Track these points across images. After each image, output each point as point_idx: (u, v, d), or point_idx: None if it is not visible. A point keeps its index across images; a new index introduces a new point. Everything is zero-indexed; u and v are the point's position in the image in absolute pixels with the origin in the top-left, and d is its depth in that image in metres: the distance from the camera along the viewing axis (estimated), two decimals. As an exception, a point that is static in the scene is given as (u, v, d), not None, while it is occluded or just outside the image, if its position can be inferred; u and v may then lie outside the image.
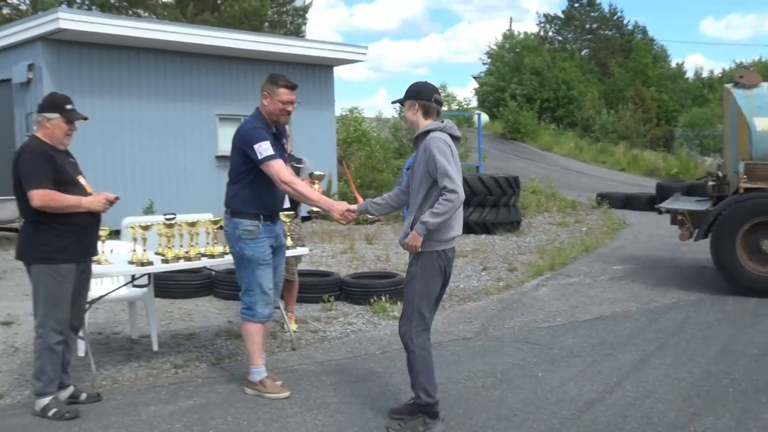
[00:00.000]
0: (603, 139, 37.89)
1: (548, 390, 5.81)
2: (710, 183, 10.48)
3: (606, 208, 19.09)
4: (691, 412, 5.31)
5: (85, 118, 5.47)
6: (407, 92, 5.18)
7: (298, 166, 7.42)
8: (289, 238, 6.72)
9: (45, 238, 5.17)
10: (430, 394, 4.92)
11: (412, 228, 4.90)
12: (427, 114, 5.12)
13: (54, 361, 5.25)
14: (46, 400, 5.20)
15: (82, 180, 5.42)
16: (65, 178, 5.24)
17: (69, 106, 5.37)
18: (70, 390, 5.49)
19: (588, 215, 18.48)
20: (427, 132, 5.04)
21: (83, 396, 5.52)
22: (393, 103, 5.75)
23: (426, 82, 5.33)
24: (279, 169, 5.54)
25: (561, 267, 11.52)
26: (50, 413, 5.15)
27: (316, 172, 6.57)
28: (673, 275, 10.77)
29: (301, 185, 5.73)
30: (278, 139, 5.89)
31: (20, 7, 24.03)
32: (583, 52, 53.73)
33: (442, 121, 5.14)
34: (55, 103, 5.36)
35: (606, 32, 55.81)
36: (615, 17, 56.19)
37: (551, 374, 6.23)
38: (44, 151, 5.21)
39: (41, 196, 5.06)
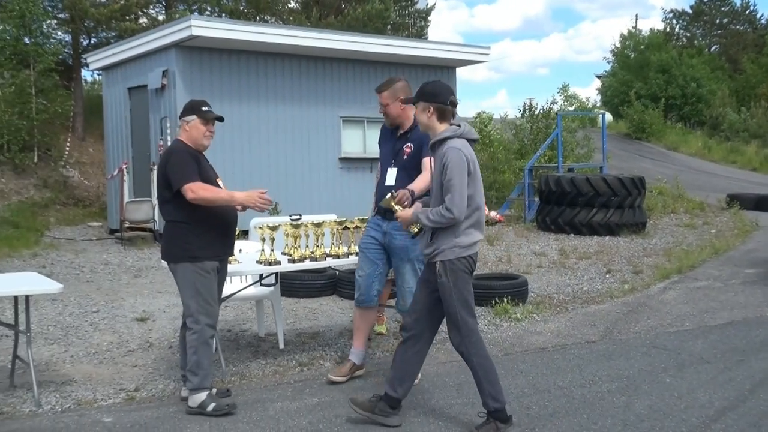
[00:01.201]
0: (733, 138, 36.44)
1: (676, 397, 5.63)
2: None
3: (736, 209, 18.37)
4: (831, 424, 5.06)
5: (221, 118, 5.68)
6: (421, 93, 5.03)
7: None
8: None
9: (188, 237, 5.35)
10: (497, 399, 4.86)
11: (431, 239, 4.92)
12: (442, 118, 4.95)
13: (209, 355, 5.43)
14: (203, 396, 5.32)
15: (220, 183, 5.61)
16: (207, 179, 5.43)
17: (205, 108, 5.56)
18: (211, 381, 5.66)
19: (717, 217, 17.83)
20: (444, 139, 4.91)
21: (213, 391, 5.64)
22: (404, 102, 5.69)
23: (440, 81, 5.20)
24: None
25: (689, 270, 11.15)
26: (209, 408, 5.26)
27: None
28: (811, 280, 10.27)
29: None
30: (400, 138, 6.00)
31: (157, 18, 24.99)
32: (712, 49, 51.91)
33: (459, 125, 4.97)
34: (191, 107, 5.58)
35: (737, 27, 53.72)
36: (747, 11, 54.02)
37: (679, 380, 6.03)
38: (189, 152, 5.45)
39: (195, 189, 5.26)
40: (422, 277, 5.19)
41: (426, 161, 5.68)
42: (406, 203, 5.24)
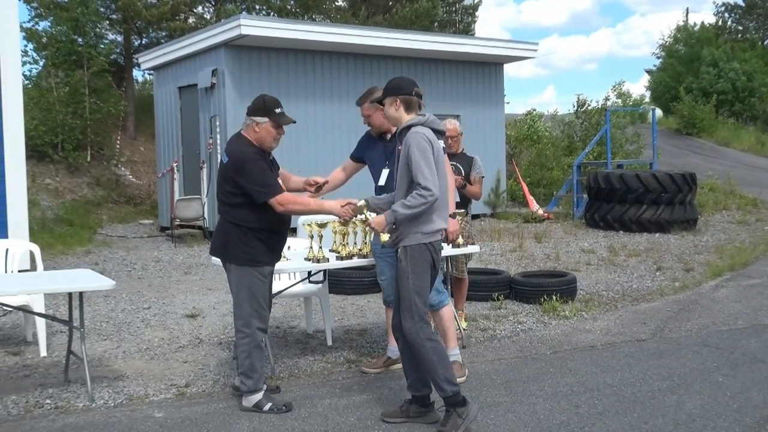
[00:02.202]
0: (788, 133, 35.70)
1: (729, 396, 5.53)
2: None
3: (791, 205, 18.04)
4: None
5: (294, 122, 5.50)
6: (386, 89, 5.18)
7: (452, 163, 7.32)
8: (460, 236, 6.74)
9: (252, 242, 5.29)
10: (452, 382, 4.82)
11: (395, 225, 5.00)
12: (409, 108, 5.07)
13: (262, 357, 5.45)
14: (258, 396, 5.34)
15: (279, 181, 5.50)
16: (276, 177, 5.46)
17: (278, 110, 5.35)
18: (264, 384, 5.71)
19: (771, 213, 17.52)
20: (409, 126, 5.01)
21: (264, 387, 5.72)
22: (372, 103, 5.83)
23: (402, 76, 5.35)
24: None
25: (742, 267, 10.95)
26: (266, 408, 5.28)
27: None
28: None
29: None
30: (391, 140, 6.07)
31: (205, 16, 25.22)
32: (765, 42, 50.83)
33: (424, 115, 5.08)
34: (265, 107, 5.34)
35: (792, 19, 52.57)
36: (802, 3, 52.83)
37: (732, 379, 5.93)
38: (262, 157, 5.32)
39: (285, 202, 5.22)
40: (396, 272, 5.13)
41: None
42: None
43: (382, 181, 6.02)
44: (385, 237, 5.32)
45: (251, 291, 5.33)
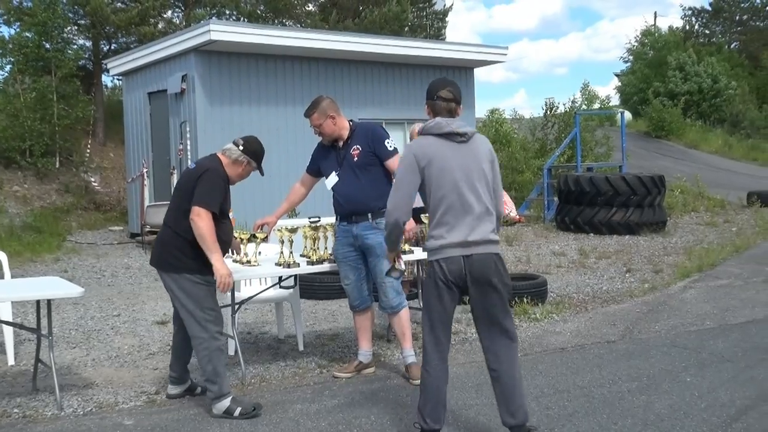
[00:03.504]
0: (754, 135, 36.16)
1: (697, 396, 5.59)
2: None
3: (758, 207, 18.25)
4: None
5: (262, 174, 5.82)
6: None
7: None
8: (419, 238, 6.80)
9: (197, 251, 5.25)
10: (423, 418, 4.55)
11: None
12: (434, 113, 4.73)
13: (224, 361, 5.40)
14: (227, 402, 5.30)
15: (231, 214, 5.65)
16: (224, 211, 5.44)
17: (261, 161, 5.67)
18: (187, 384, 5.71)
19: (738, 215, 17.72)
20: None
21: (198, 389, 5.72)
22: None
23: (437, 78, 4.98)
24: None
25: (710, 268, 11.07)
26: (236, 413, 5.25)
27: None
28: (833, 277, 10.18)
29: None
30: (344, 146, 6.18)
31: (174, 21, 25.11)
32: (731, 46, 51.46)
33: (433, 120, 4.71)
34: (258, 155, 5.64)
35: (758, 24, 53.18)
36: (767, 8, 53.55)
37: (700, 379, 5.99)
38: (225, 179, 5.42)
39: (206, 220, 5.16)
40: None
41: (391, 162, 6.01)
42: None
43: (329, 185, 6.11)
44: (399, 266, 5.16)
45: (197, 297, 5.31)
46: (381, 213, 5.85)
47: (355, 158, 6.04)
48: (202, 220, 5.14)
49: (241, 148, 5.51)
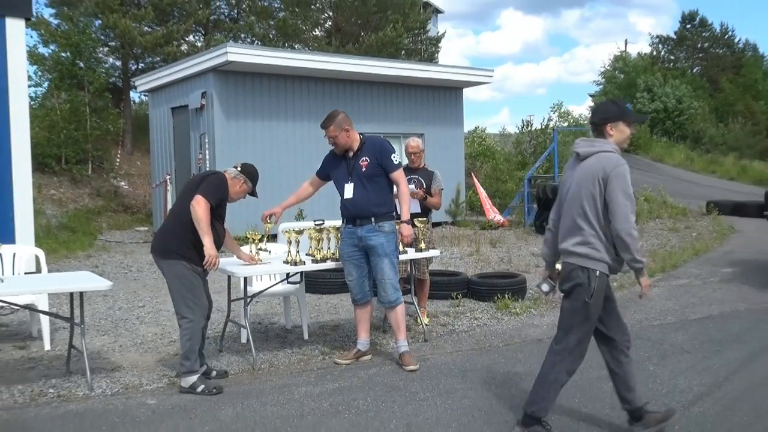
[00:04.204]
0: (713, 150, 36.18)
1: (659, 383, 5.61)
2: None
3: (715, 215, 18.27)
4: (798, 408, 5.03)
5: (256, 197, 5.99)
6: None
7: (415, 177, 7.48)
8: (422, 242, 6.80)
9: (192, 242, 5.43)
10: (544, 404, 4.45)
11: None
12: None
13: (200, 341, 5.54)
14: (193, 378, 5.44)
15: (225, 227, 5.80)
16: (218, 215, 5.58)
17: (255, 184, 5.87)
18: (203, 368, 5.73)
19: (698, 221, 17.73)
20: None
21: (214, 373, 5.79)
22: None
23: (607, 101, 4.68)
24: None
25: (672, 269, 11.10)
26: (199, 389, 5.38)
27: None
28: (782, 278, 10.20)
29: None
30: (353, 157, 6.19)
31: (196, 44, 25.12)
32: (694, 70, 51.51)
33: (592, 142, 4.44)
34: (254, 176, 5.85)
35: (717, 51, 53.23)
36: (726, 36, 53.52)
37: (662, 368, 6.02)
38: (227, 187, 5.63)
39: (204, 207, 5.37)
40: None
41: (395, 175, 6.08)
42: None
43: (348, 195, 6.07)
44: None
45: (189, 282, 5.45)
46: (383, 217, 5.98)
47: (364, 169, 6.05)
48: (200, 206, 5.36)
49: (239, 169, 5.80)
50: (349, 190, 6.06)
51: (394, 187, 6.15)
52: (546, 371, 4.49)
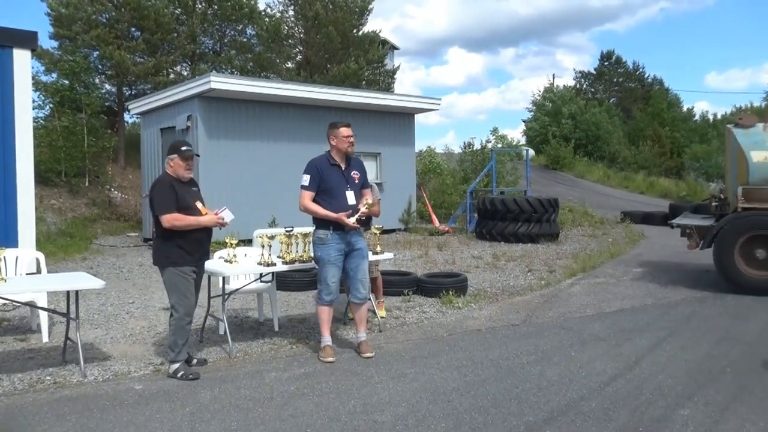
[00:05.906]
0: (626, 168, 36.79)
1: (579, 366, 5.68)
2: (714, 203, 10.14)
3: (628, 223, 18.56)
4: (695, 386, 5.11)
5: (197, 155, 5.69)
6: None
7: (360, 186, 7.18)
8: (378, 245, 6.80)
9: (171, 249, 5.39)
10: None
11: None
12: None
13: (184, 336, 5.46)
14: (176, 366, 5.41)
15: (199, 204, 5.57)
16: (185, 204, 5.43)
17: (184, 148, 5.50)
18: (185, 357, 5.64)
19: (613, 229, 17.98)
20: None
21: (194, 361, 5.73)
22: None
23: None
24: (301, 196, 5.88)
25: (591, 269, 11.23)
26: (179, 375, 5.35)
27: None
28: (682, 277, 10.39)
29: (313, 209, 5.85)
30: (346, 169, 6.00)
31: (182, 73, 24.82)
32: (610, 101, 52.42)
33: None
34: (173, 147, 5.54)
35: (630, 84, 54.25)
36: (637, 72, 54.64)
37: (582, 354, 6.08)
38: (169, 183, 5.43)
39: (168, 220, 5.32)
40: None
41: (366, 191, 6.08)
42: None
43: (352, 201, 5.93)
44: None
45: (176, 286, 5.42)
46: (367, 225, 6.08)
47: (356, 181, 6.02)
48: (168, 222, 5.32)
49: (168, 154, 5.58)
50: (351, 197, 5.94)
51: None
52: None
